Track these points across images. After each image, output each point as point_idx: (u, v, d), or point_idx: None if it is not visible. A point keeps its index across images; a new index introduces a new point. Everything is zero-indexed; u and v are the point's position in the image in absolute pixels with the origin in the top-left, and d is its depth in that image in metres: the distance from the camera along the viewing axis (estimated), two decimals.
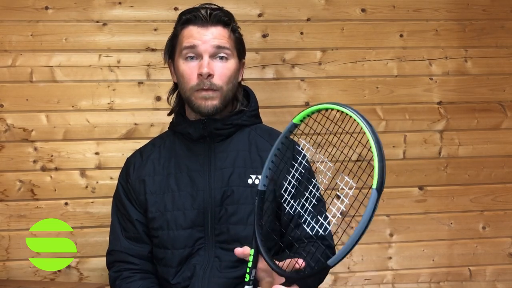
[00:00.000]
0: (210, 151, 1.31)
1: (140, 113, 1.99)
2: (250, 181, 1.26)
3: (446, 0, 2.11)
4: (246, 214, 1.25)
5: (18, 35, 1.94)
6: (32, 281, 1.91)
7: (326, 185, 0.99)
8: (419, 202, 2.11)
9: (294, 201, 1.07)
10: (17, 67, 1.94)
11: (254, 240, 1.00)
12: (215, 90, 1.25)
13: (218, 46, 1.25)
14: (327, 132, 0.98)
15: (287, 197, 1.08)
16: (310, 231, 1.00)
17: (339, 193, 0.90)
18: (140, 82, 2.00)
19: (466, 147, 2.13)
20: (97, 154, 1.98)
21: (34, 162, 1.95)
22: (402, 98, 2.10)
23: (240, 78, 1.35)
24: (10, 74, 1.94)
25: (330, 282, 2.07)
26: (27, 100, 1.95)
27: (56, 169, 1.96)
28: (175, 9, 1.99)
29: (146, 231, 1.32)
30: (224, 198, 1.26)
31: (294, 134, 1.05)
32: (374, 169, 0.79)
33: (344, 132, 0.95)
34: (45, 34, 1.96)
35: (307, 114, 0.98)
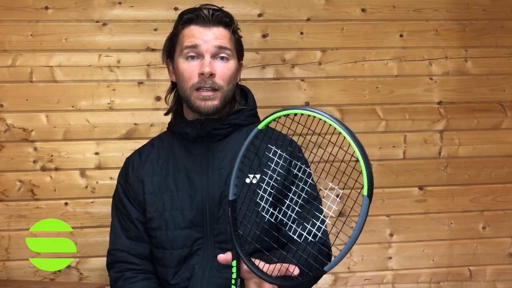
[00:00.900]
0: (208, 151, 1.31)
1: (140, 113, 1.99)
2: (248, 180, 1.24)
3: (446, 0, 2.10)
4: (243, 214, 1.23)
5: (18, 35, 1.94)
6: (32, 281, 1.90)
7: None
8: (419, 202, 2.11)
9: (290, 202, 1.06)
10: (17, 67, 1.94)
11: (233, 250, 0.99)
12: (216, 90, 1.25)
13: (220, 47, 1.25)
14: (308, 133, 0.98)
15: (283, 199, 1.08)
16: (305, 233, 0.99)
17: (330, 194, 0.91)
18: (140, 82, 1.99)
19: (466, 147, 2.12)
20: (97, 154, 1.97)
21: (34, 162, 1.95)
22: (402, 98, 2.10)
23: (238, 79, 1.35)
24: (10, 74, 1.93)
25: (330, 282, 2.07)
26: (27, 100, 1.94)
27: (56, 169, 1.96)
28: (175, 9, 1.99)
29: (147, 230, 1.32)
30: (222, 198, 1.26)
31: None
32: (362, 175, 0.78)
33: (316, 133, 0.95)
34: (45, 34, 1.95)
35: (274, 119, 0.96)
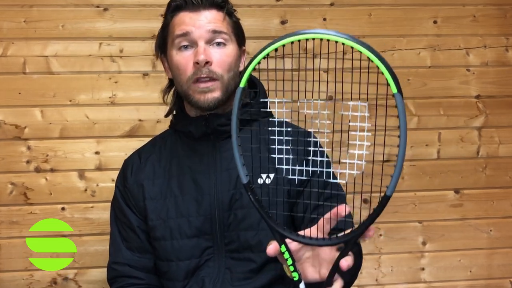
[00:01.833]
0: (214, 150, 1.27)
1: (145, 108, 1.94)
2: (260, 181, 1.21)
3: None
4: (257, 219, 1.20)
5: (9, 22, 1.88)
6: None
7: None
8: (455, 207, 2.06)
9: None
10: (8, 57, 1.89)
11: (275, 234, 0.89)
12: (215, 80, 1.20)
13: (214, 31, 1.21)
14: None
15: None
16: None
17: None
18: (145, 74, 1.94)
19: (507, 146, 2.07)
20: (97, 153, 1.93)
21: (28, 162, 1.90)
22: (436, 92, 2.03)
23: (241, 67, 1.30)
24: (1, 65, 1.88)
25: None
26: (20, 93, 1.90)
27: (51, 170, 1.91)
28: None
29: (150, 240, 1.30)
30: (232, 202, 1.23)
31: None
32: (385, 75, 0.78)
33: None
34: (39, 20, 1.90)
35: (250, 73, 0.86)
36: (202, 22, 1.20)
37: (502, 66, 2.05)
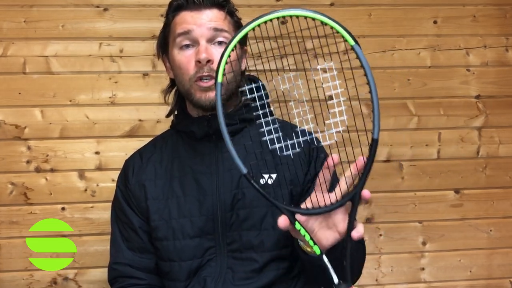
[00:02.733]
0: (217, 151, 1.27)
1: (145, 108, 1.93)
2: (262, 181, 1.21)
3: None
4: (259, 219, 1.21)
5: (9, 22, 1.88)
6: None
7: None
8: (455, 207, 2.05)
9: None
10: (8, 57, 1.88)
11: (287, 214, 0.94)
12: None
13: (215, 29, 1.21)
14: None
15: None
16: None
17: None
18: (145, 74, 1.93)
19: (507, 146, 2.05)
20: (97, 153, 1.92)
21: (28, 162, 1.89)
22: (436, 92, 2.02)
23: (243, 67, 1.31)
24: (1, 65, 1.88)
25: None
26: (20, 93, 1.89)
27: (51, 170, 1.90)
28: None
29: (151, 241, 1.29)
30: (234, 202, 1.22)
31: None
32: (340, 32, 0.89)
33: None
34: (39, 20, 1.89)
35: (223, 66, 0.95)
36: (203, 21, 1.20)
37: (502, 66, 2.04)
